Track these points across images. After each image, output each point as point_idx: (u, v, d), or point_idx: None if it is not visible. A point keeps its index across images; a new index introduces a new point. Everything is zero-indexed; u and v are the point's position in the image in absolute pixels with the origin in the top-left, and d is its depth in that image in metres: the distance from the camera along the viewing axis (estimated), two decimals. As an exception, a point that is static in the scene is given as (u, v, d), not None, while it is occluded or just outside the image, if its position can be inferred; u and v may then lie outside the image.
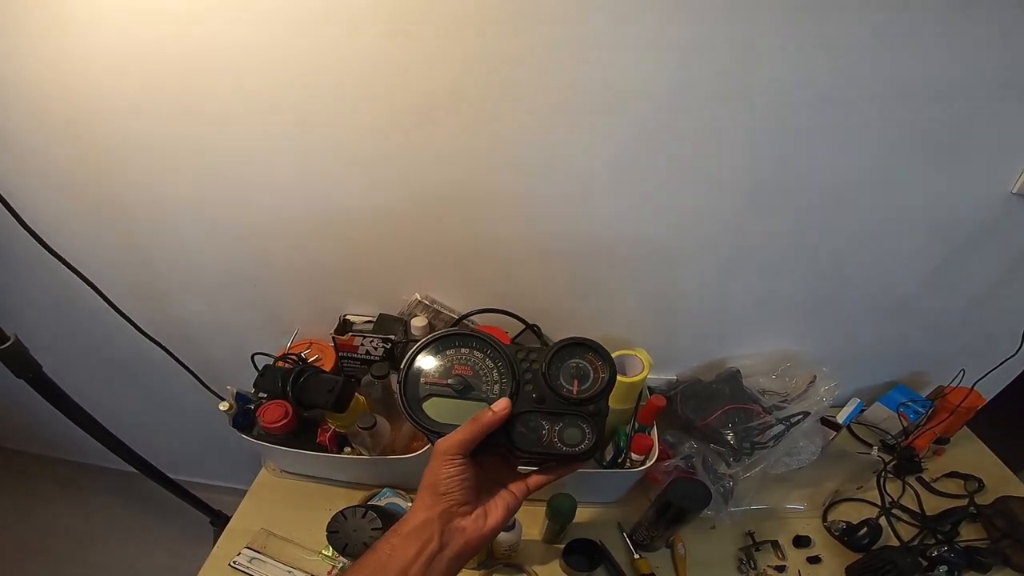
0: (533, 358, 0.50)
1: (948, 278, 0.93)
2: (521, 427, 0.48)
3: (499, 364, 0.51)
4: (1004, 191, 0.79)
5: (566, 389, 0.49)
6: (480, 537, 0.45)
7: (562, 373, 0.50)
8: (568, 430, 0.48)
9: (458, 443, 0.44)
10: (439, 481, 0.44)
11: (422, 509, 0.44)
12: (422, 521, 0.43)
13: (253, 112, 0.76)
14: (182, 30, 0.69)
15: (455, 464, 0.44)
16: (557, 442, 0.48)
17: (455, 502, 0.44)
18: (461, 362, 0.51)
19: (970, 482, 1.00)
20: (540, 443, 0.48)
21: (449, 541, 0.43)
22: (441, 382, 0.50)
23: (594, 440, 0.48)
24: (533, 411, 0.49)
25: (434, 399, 0.49)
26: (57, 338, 1.13)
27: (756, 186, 0.80)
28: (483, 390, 0.50)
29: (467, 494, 0.44)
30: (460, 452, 0.44)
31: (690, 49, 0.66)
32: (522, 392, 0.49)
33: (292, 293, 1.02)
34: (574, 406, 0.49)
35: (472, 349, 0.51)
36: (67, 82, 0.75)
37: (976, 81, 0.68)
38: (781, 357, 1.01)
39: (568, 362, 0.50)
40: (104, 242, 0.96)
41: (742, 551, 0.89)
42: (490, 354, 0.51)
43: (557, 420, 0.48)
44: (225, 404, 0.84)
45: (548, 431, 0.48)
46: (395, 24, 0.66)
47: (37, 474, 1.78)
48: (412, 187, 0.83)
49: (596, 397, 0.49)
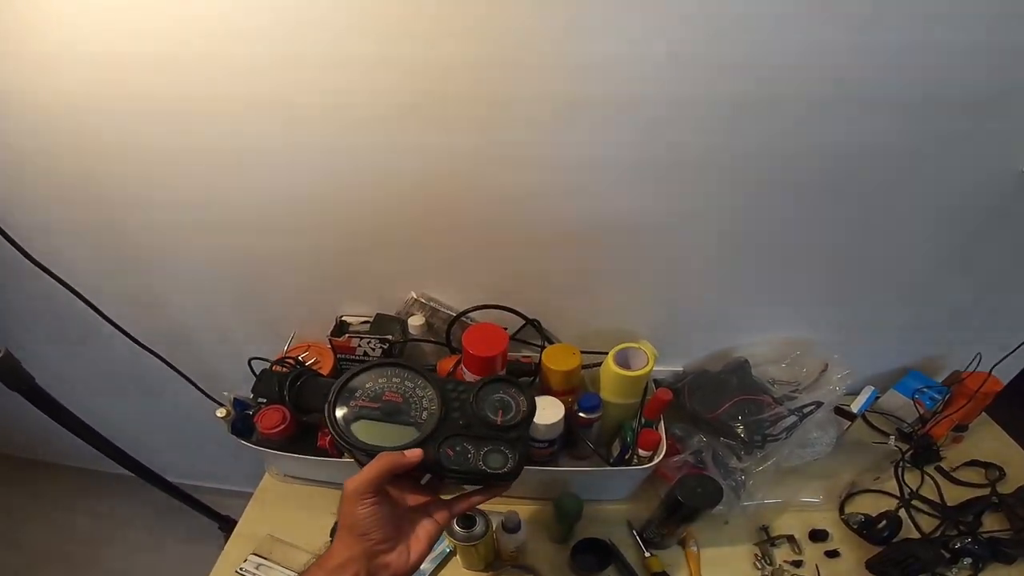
0: (461, 389, 0.56)
1: (960, 260, 0.90)
2: (448, 450, 0.52)
3: (428, 393, 0.56)
4: (1015, 171, 0.76)
5: (491, 419, 0.55)
6: (405, 570, 0.46)
7: (487, 405, 0.56)
8: (492, 455, 0.53)
9: (366, 482, 0.44)
10: (355, 523, 0.44)
11: (344, 548, 0.44)
12: (345, 559, 0.44)
13: (243, 114, 0.74)
14: (169, 34, 0.67)
15: (367, 504, 0.45)
16: (481, 464, 0.52)
17: (374, 541, 0.45)
18: (393, 389, 0.55)
19: (991, 471, 0.97)
20: (466, 463, 0.52)
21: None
22: (371, 405, 0.54)
23: (516, 462, 0.53)
24: (459, 435, 0.53)
25: (362, 421, 0.53)
26: (54, 350, 1.13)
27: (760, 172, 0.77)
28: (411, 415, 0.54)
29: (385, 531, 0.45)
30: (370, 491, 0.45)
31: (686, 28, 0.64)
32: (449, 419, 0.54)
33: (287, 296, 1.01)
34: (499, 432, 0.54)
35: (403, 379, 0.56)
36: (48, 87, 0.74)
37: (983, 62, 0.65)
38: (791, 345, 0.99)
39: (492, 395, 0.57)
40: (94, 252, 0.96)
41: (757, 546, 0.87)
42: (419, 384, 0.56)
43: (482, 445, 0.53)
44: (222, 411, 0.84)
45: (473, 454, 0.53)
46: (385, 22, 0.65)
47: (51, 482, 1.80)
48: (405, 184, 0.81)
49: (517, 426, 0.55)
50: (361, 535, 0.44)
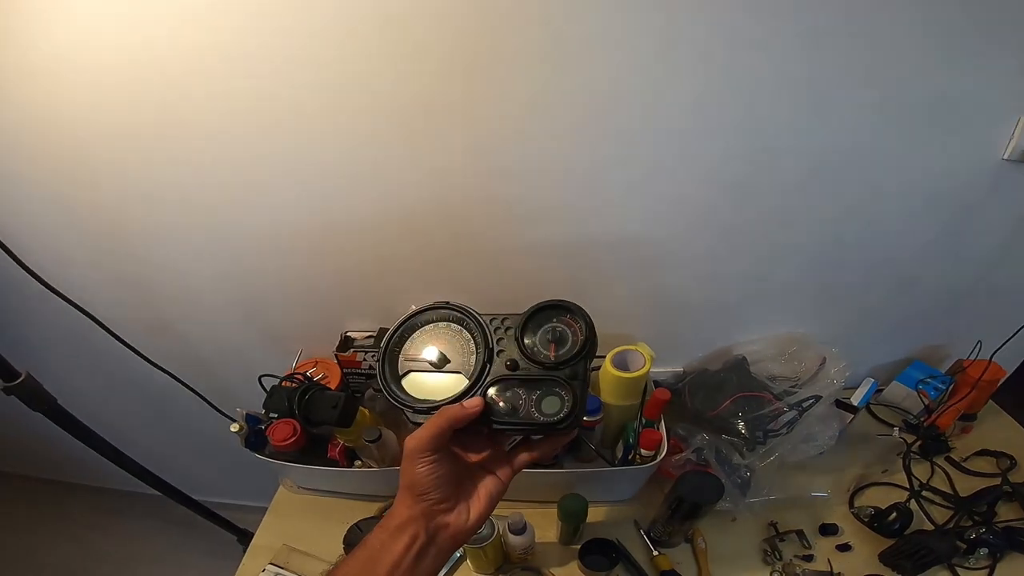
0: (508, 325, 0.48)
1: (950, 248, 0.90)
2: (497, 396, 0.45)
3: (475, 335, 0.49)
4: (996, 158, 0.77)
5: (543, 354, 0.46)
6: (465, 531, 0.44)
7: (538, 338, 0.47)
8: (545, 399, 0.45)
9: (426, 439, 0.42)
10: (415, 482, 0.43)
11: (404, 507, 0.43)
12: (406, 519, 0.43)
13: (250, 137, 0.78)
14: (177, 61, 0.71)
15: (427, 462, 0.42)
16: (534, 412, 0.45)
17: (433, 500, 0.43)
18: (437, 335, 0.50)
19: (1002, 460, 0.96)
20: (516, 413, 0.45)
21: (435, 536, 0.43)
22: (418, 357, 0.49)
23: (573, 406, 0.44)
24: (506, 379, 0.46)
25: (412, 375, 0.49)
26: (72, 372, 1.17)
27: (744, 171, 0.79)
28: (459, 363, 0.48)
29: (445, 491, 0.43)
30: (430, 449, 0.42)
31: (669, 40, 0.66)
32: (495, 361, 0.47)
33: (293, 314, 1.04)
34: (550, 371, 0.46)
35: (449, 322, 0.50)
36: (60, 116, 0.78)
37: (959, 51, 0.67)
38: (788, 340, 0.99)
39: (544, 326, 0.48)
40: (108, 277, 1.00)
41: (766, 542, 0.87)
42: (466, 325, 0.49)
43: (534, 388, 0.45)
44: (236, 426, 0.86)
45: (525, 400, 0.45)
46: (383, 38, 0.68)
47: (72, 502, 1.85)
48: (406, 202, 0.84)
49: (572, 359, 0.46)
50: (420, 495, 0.43)
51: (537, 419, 0.44)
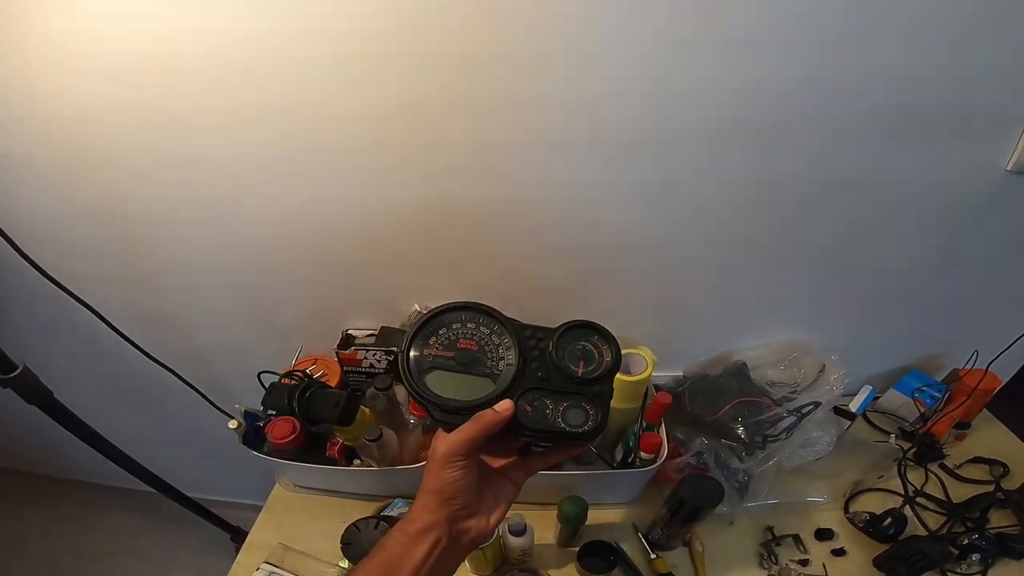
0: (540, 336, 0.50)
1: (951, 259, 0.91)
2: (525, 404, 0.47)
3: (504, 340, 0.49)
4: (999, 168, 0.78)
5: (571, 369, 0.48)
6: (484, 535, 0.45)
7: (568, 354, 0.49)
8: (572, 411, 0.47)
9: (461, 444, 0.42)
10: (443, 486, 0.42)
11: (427, 511, 0.43)
12: (429, 523, 0.42)
13: (255, 136, 0.78)
14: (185, 62, 0.71)
15: (458, 467, 0.42)
16: (560, 422, 0.47)
17: (459, 505, 0.43)
18: (467, 336, 0.49)
19: (995, 467, 0.97)
20: (544, 420, 0.47)
21: (456, 540, 0.43)
22: (445, 354, 0.48)
23: (598, 421, 0.47)
24: (538, 388, 0.48)
25: (437, 372, 0.48)
26: (69, 365, 1.16)
27: (750, 179, 0.79)
28: (488, 366, 0.48)
29: (470, 496, 0.43)
30: (463, 454, 0.42)
31: (679, 46, 0.67)
32: (528, 370, 0.48)
33: (294, 311, 1.03)
34: (579, 386, 0.48)
35: (479, 324, 0.50)
36: (65, 108, 0.77)
37: (962, 61, 0.67)
38: (788, 347, 1.00)
39: (574, 344, 0.50)
40: (110, 271, 0.99)
41: (762, 546, 0.87)
42: (496, 330, 0.49)
43: (561, 400, 0.48)
44: (234, 423, 0.86)
45: (552, 410, 0.47)
46: (390, 36, 0.68)
47: (65, 497, 1.83)
48: (408, 201, 0.84)
49: (601, 378, 0.48)
50: (447, 499, 0.42)
51: (563, 429, 0.47)
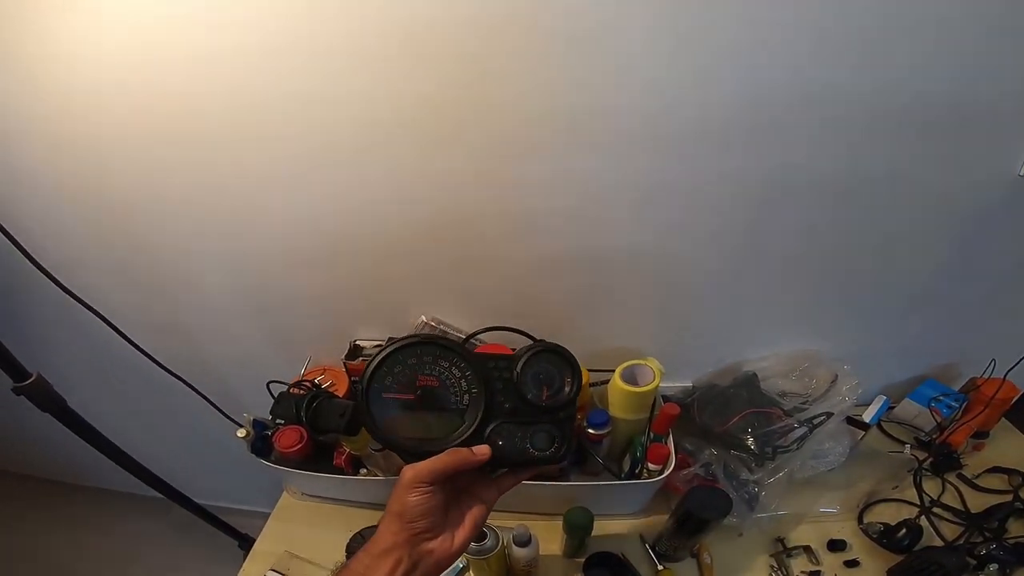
0: (503, 366, 0.50)
1: (965, 266, 0.89)
2: (497, 439, 0.48)
3: (467, 374, 0.49)
4: (1012, 174, 0.77)
5: (535, 396, 0.49)
6: (448, 556, 0.45)
7: (530, 380, 0.50)
8: (538, 436, 0.49)
9: (429, 473, 0.43)
10: (405, 510, 0.43)
11: (389, 533, 0.44)
12: (390, 544, 0.43)
13: (264, 149, 0.79)
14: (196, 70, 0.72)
15: (421, 493, 0.43)
16: (529, 448, 0.48)
17: (421, 529, 0.44)
18: (425, 372, 0.48)
19: (1014, 477, 0.95)
20: (516, 451, 0.48)
21: (419, 562, 0.44)
22: (405, 395, 0.47)
23: (564, 443, 0.49)
24: (507, 422, 0.49)
25: (400, 413, 0.48)
26: (82, 373, 1.18)
27: (759, 188, 0.78)
28: (452, 401, 0.48)
29: (433, 520, 0.44)
30: (429, 482, 0.43)
31: (685, 53, 0.66)
32: (495, 403, 0.49)
33: (302, 321, 1.04)
34: (544, 413, 0.49)
35: (436, 358, 0.48)
36: (75, 117, 0.78)
37: (974, 65, 0.66)
38: (799, 357, 0.98)
39: (535, 368, 0.50)
40: (122, 281, 1.00)
41: (773, 558, 0.86)
42: (455, 362, 0.49)
43: (528, 428, 0.49)
44: (243, 431, 0.87)
45: (519, 438, 0.48)
46: (398, 47, 0.68)
47: (73, 502, 1.85)
48: (414, 209, 0.84)
49: (565, 404, 0.50)
50: (408, 522, 0.43)
51: (532, 455, 0.48)
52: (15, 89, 0.77)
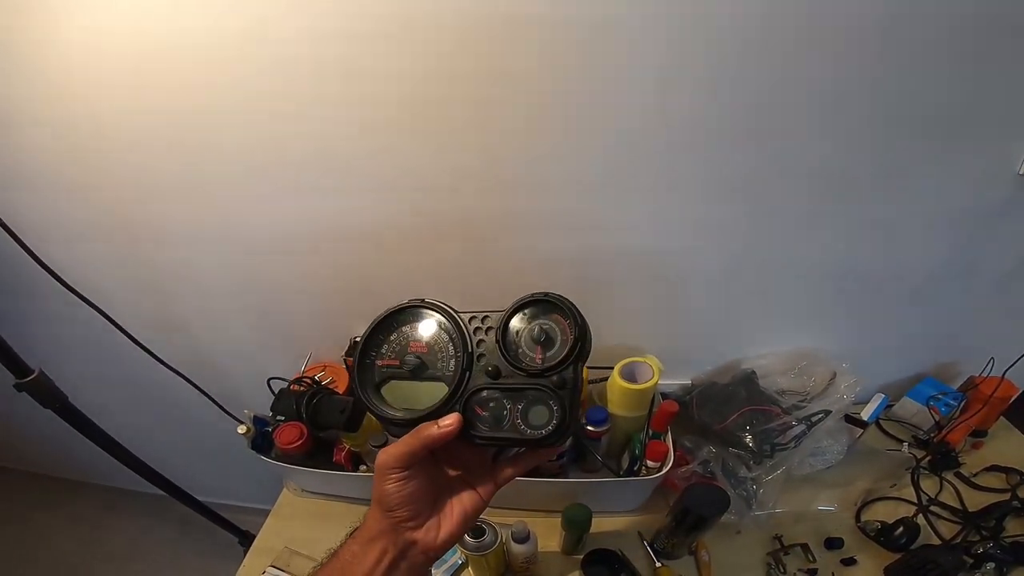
0: (489, 324, 0.43)
1: (964, 264, 0.90)
2: (478, 408, 0.41)
3: (454, 336, 0.43)
4: (1012, 173, 0.77)
5: (528, 358, 0.41)
6: (434, 549, 0.42)
7: (523, 339, 0.42)
8: (532, 409, 0.40)
9: (397, 457, 0.40)
10: (382, 498, 0.41)
11: (374, 520, 0.42)
12: (376, 532, 0.42)
13: (264, 143, 0.79)
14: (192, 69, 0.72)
15: (395, 479, 0.40)
16: (520, 424, 0.40)
17: (401, 518, 0.41)
18: (415, 338, 0.44)
19: (1012, 475, 0.95)
20: (501, 426, 0.40)
21: (406, 552, 0.42)
22: (395, 363, 0.44)
23: (562, 419, 0.39)
24: (488, 388, 0.41)
25: (392, 383, 0.44)
26: (84, 370, 1.18)
27: (757, 184, 0.78)
28: (438, 367, 0.43)
29: (414, 509, 0.41)
30: (401, 467, 0.40)
31: (686, 52, 0.66)
32: (475, 367, 0.41)
33: (303, 318, 1.04)
34: (536, 378, 0.40)
35: (425, 322, 0.45)
36: (76, 111, 0.79)
37: (974, 64, 0.66)
38: (798, 355, 0.99)
39: (531, 325, 0.42)
40: (123, 277, 1.01)
41: (770, 555, 0.86)
42: (444, 325, 0.44)
43: (519, 398, 0.40)
44: (243, 428, 0.87)
45: (509, 411, 0.40)
46: (398, 44, 0.68)
47: (75, 500, 1.86)
48: (415, 206, 0.84)
49: (561, 364, 0.40)
50: (388, 510, 0.41)
51: (524, 432, 0.40)
52: (15, 90, 0.77)
